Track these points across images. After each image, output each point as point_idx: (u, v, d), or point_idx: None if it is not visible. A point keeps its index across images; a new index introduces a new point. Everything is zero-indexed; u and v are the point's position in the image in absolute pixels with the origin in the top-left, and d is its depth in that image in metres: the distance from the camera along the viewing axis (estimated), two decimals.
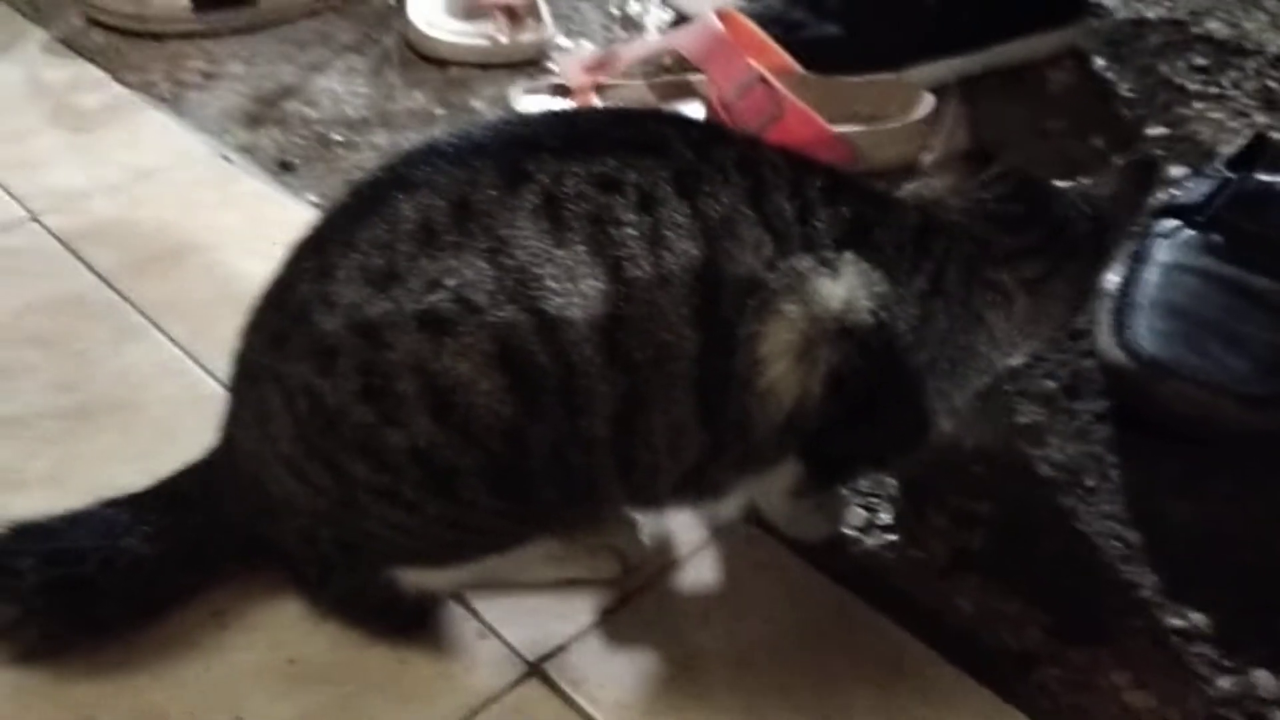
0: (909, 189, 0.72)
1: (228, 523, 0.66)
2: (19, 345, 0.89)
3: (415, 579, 0.64)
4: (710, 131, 0.68)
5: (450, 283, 0.56)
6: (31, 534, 0.65)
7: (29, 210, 1.05)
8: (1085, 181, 1.11)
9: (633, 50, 1.18)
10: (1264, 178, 0.92)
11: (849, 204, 0.63)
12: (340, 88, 1.31)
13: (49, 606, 0.63)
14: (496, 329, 0.56)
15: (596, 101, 1.20)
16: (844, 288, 0.60)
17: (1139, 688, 0.67)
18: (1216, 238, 0.91)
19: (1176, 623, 0.71)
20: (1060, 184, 0.77)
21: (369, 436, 0.58)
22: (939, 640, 0.69)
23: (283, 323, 0.61)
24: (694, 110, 1.17)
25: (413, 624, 0.67)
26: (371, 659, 0.66)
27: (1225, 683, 0.67)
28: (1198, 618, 0.71)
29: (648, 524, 0.73)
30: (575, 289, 0.56)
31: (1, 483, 0.77)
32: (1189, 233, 0.93)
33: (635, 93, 1.21)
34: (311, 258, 0.61)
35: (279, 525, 0.64)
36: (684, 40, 1.12)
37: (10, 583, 0.63)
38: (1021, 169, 0.73)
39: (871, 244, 0.63)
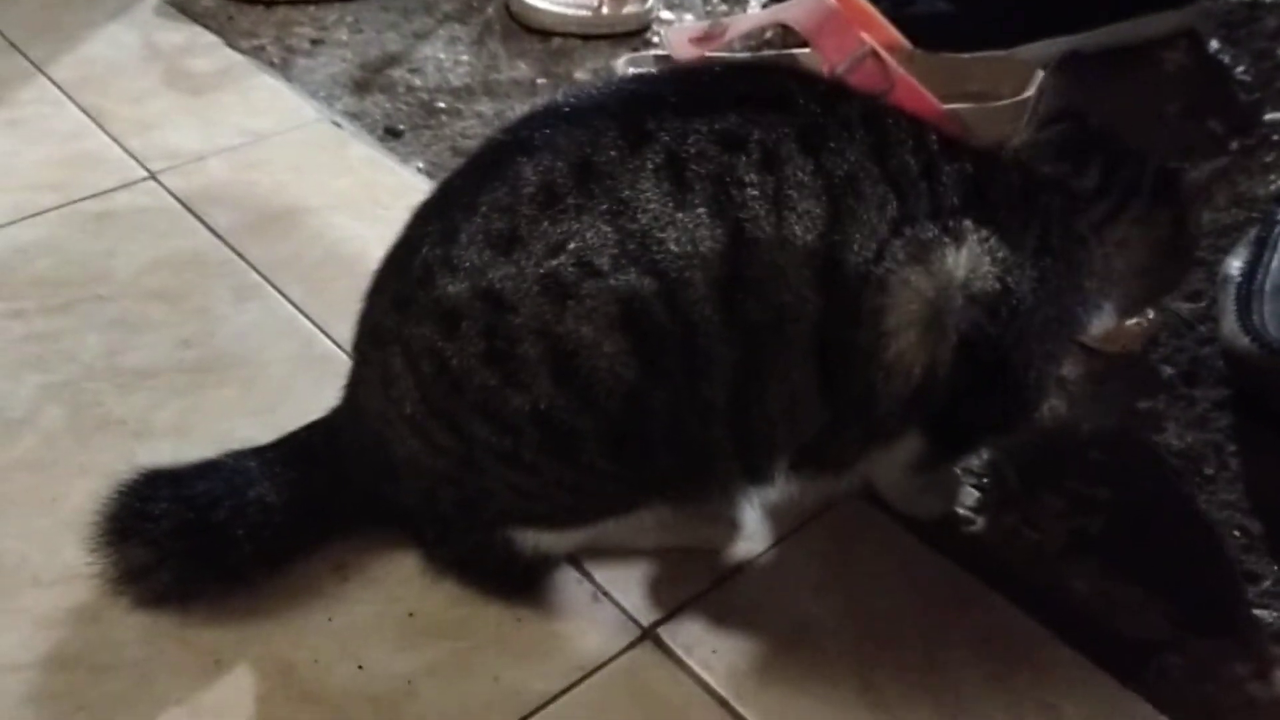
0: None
1: (351, 479, 0.67)
2: (143, 300, 0.91)
3: (532, 541, 0.65)
4: (834, 86, 0.66)
5: (572, 246, 0.56)
6: (164, 480, 0.67)
7: (148, 170, 1.07)
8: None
9: (740, 22, 1.17)
10: None
11: (966, 161, 0.62)
12: (444, 56, 1.31)
13: (182, 551, 0.65)
14: (618, 292, 0.56)
15: (624, 59, 1.19)
16: (968, 255, 0.59)
17: (1261, 678, 0.65)
18: None
19: None
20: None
21: (491, 398, 0.58)
22: (1055, 623, 0.68)
23: (406, 286, 0.61)
24: None
25: (528, 585, 0.68)
26: (488, 616, 0.67)
27: None
28: None
29: (764, 496, 0.72)
30: (696, 251, 0.56)
31: (129, 432, 0.79)
32: None
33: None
34: (434, 221, 0.61)
35: (401, 484, 0.65)
36: (794, 13, 1.11)
37: (145, 526, 0.65)
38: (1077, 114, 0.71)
39: (988, 204, 0.62)
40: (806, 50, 1.15)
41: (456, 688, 0.63)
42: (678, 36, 1.17)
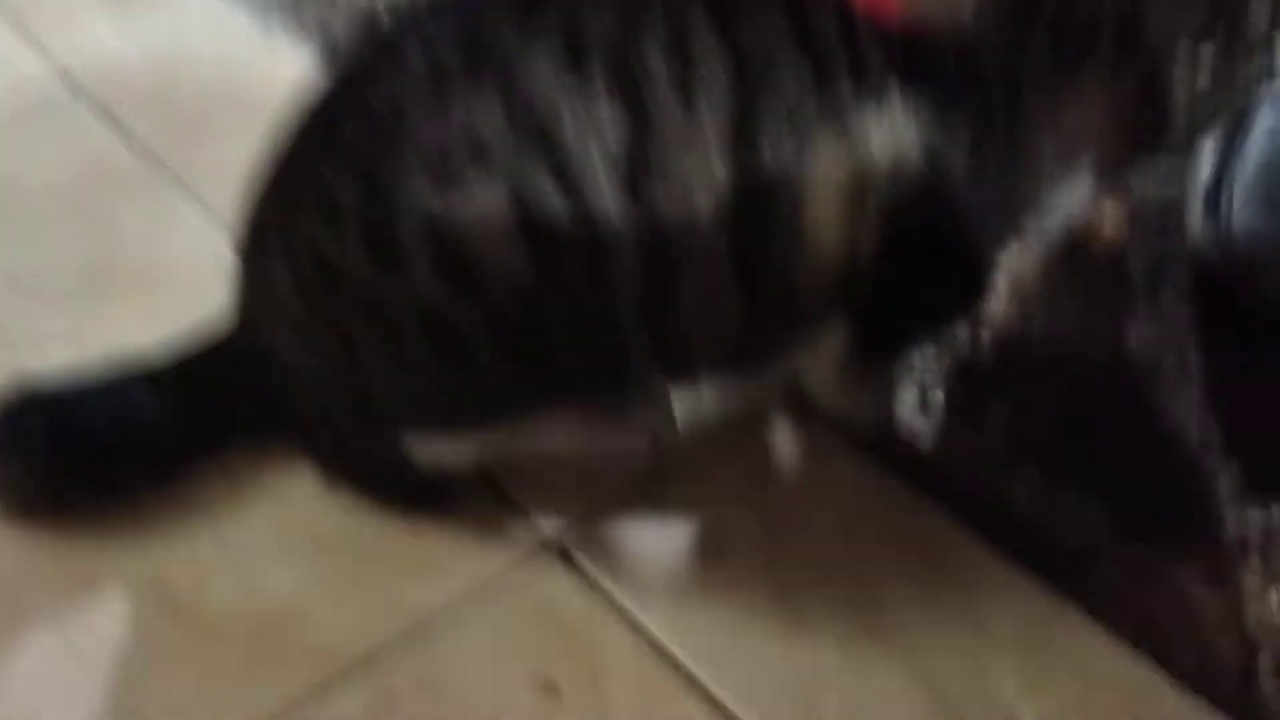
0: None
1: (244, 391, 0.63)
2: (49, 204, 0.86)
3: (429, 448, 0.61)
4: None
5: (460, 131, 0.52)
6: (43, 392, 0.63)
7: (62, 66, 1.02)
8: None
9: None
10: None
11: (894, 26, 0.57)
12: None
13: (56, 464, 0.62)
14: (509, 179, 0.51)
15: None
16: (890, 124, 0.54)
17: (1209, 584, 0.61)
18: None
19: (1257, 517, 0.65)
20: None
21: (374, 294, 0.54)
22: (990, 532, 0.64)
23: (289, 180, 0.57)
24: None
25: (431, 495, 0.64)
26: (384, 531, 0.63)
27: None
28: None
29: (686, 400, 0.68)
30: (595, 132, 0.51)
31: (21, 341, 0.75)
32: None
33: None
34: (320, 111, 0.57)
35: (293, 393, 0.61)
36: None
37: (18, 439, 0.61)
38: None
39: (916, 71, 0.56)
40: None
41: (345, 603, 0.60)
42: None
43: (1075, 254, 0.81)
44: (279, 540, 0.62)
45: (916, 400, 0.72)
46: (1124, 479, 0.67)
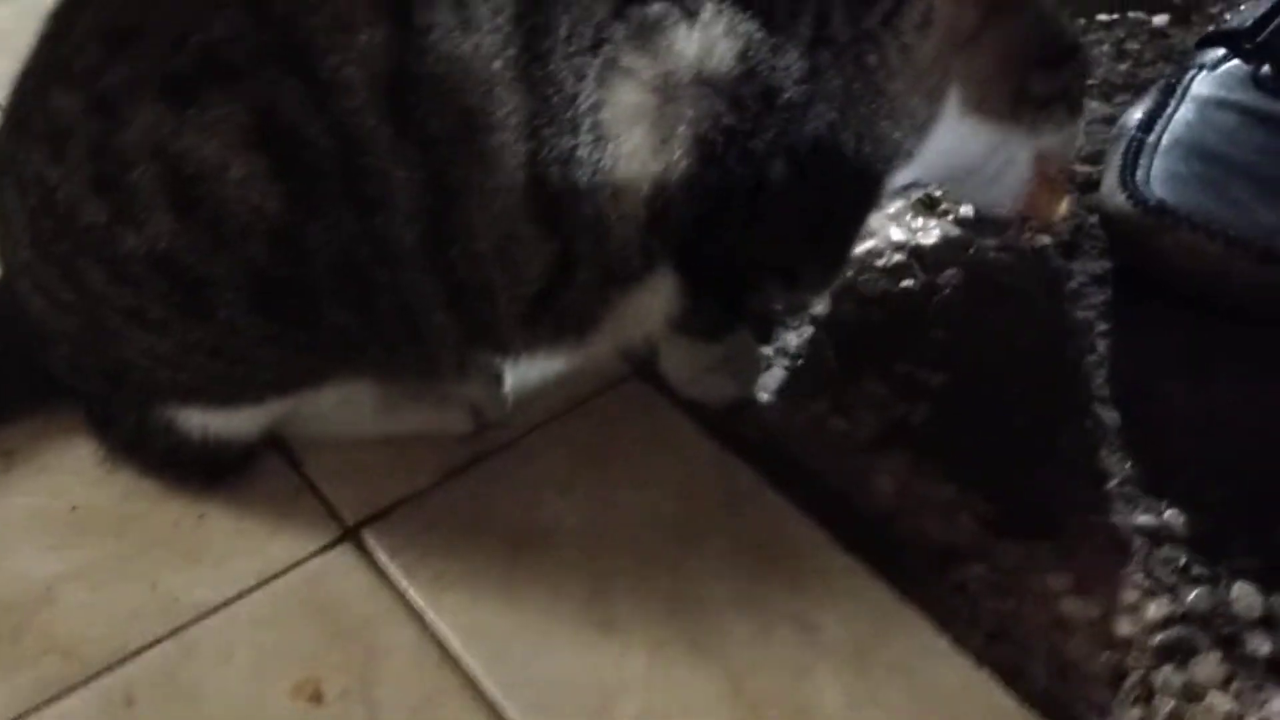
0: None
1: (11, 350, 0.57)
2: None
3: (199, 421, 0.54)
4: None
5: (197, 39, 0.45)
6: None
7: None
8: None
9: None
10: None
11: None
12: None
13: None
14: (252, 96, 0.45)
15: None
16: (701, 34, 0.48)
17: (1079, 594, 0.54)
18: (1265, 69, 0.75)
19: (1146, 520, 0.58)
20: None
21: (103, 239, 0.47)
22: (843, 526, 0.57)
23: (23, 104, 0.50)
24: None
25: (217, 474, 0.57)
26: (166, 512, 0.57)
27: (1192, 594, 0.54)
28: (1173, 515, 0.58)
29: (513, 373, 0.61)
30: (352, 42, 0.45)
31: None
32: (1234, 63, 0.76)
33: None
34: (54, 24, 0.50)
35: (45, 354, 0.54)
36: None
37: None
38: None
39: None
40: None
41: (102, 594, 0.53)
42: None
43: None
44: (43, 523, 0.56)
45: (783, 382, 0.65)
46: (1003, 472, 0.60)
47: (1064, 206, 0.71)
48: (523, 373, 0.62)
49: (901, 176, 0.61)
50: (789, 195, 0.52)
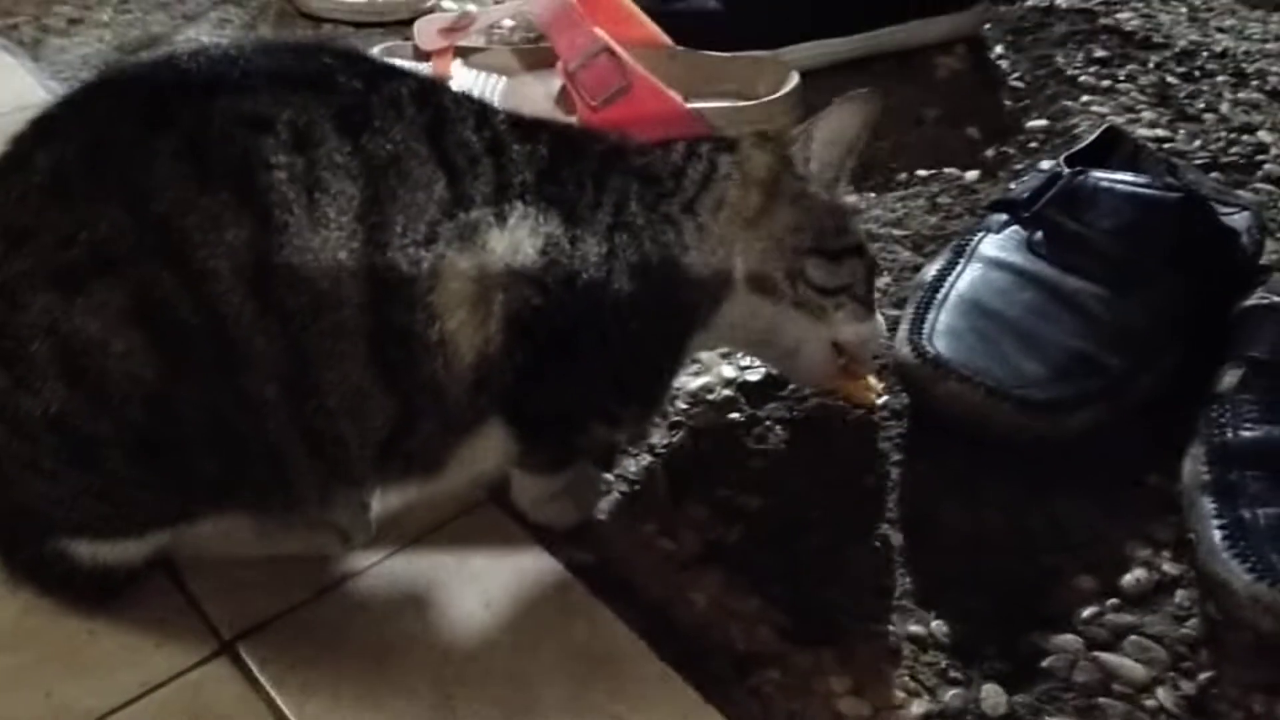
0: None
1: None
2: None
3: (88, 551, 0.62)
4: (385, 67, 0.64)
5: (84, 236, 0.54)
6: None
7: None
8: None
9: (488, 14, 1.14)
10: (1097, 175, 0.89)
11: (542, 142, 0.62)
12: (209, 39, 1.27)
13: None
14: (131, 284, 0.53)
15: (460, 68, 1.16)
16: (511, 233, 0.59)
17: (856, 695, 0.64)
18: (1039, 235, 0.88)
19: (915, 629, 0.68)
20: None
21: (5, 402, 0.55)
22: (658, 636, 0.66)
23: None
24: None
25: (108, 594, 0.65)
26: (61, 628, 0.64)
27: (949, 695, 0.65)
28: (937, 625, 0.68)
29: (379, 500, 0.70)
30: (221, 239, 0.54)
31: None
32: (1014, 228, 0.90)
33: (499, 59, 1.18)
34: None
35: None
36: (533, 6, 1.09)
37: None
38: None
39: (556, 183, 0.62)
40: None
41: (1, 702, 0.60)
42: (427, 27, 1.15)
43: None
44: None
45: (619, 507, 0.75)
46: (800, 587, 0.70)
47: (872, 396, 0.82)
48: (389, 500, 0.70)
49: (707, 342, 0.73)
50: (598, 356, 0.63)
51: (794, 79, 1.14)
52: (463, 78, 1.14)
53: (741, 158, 0.69)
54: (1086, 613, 0.69)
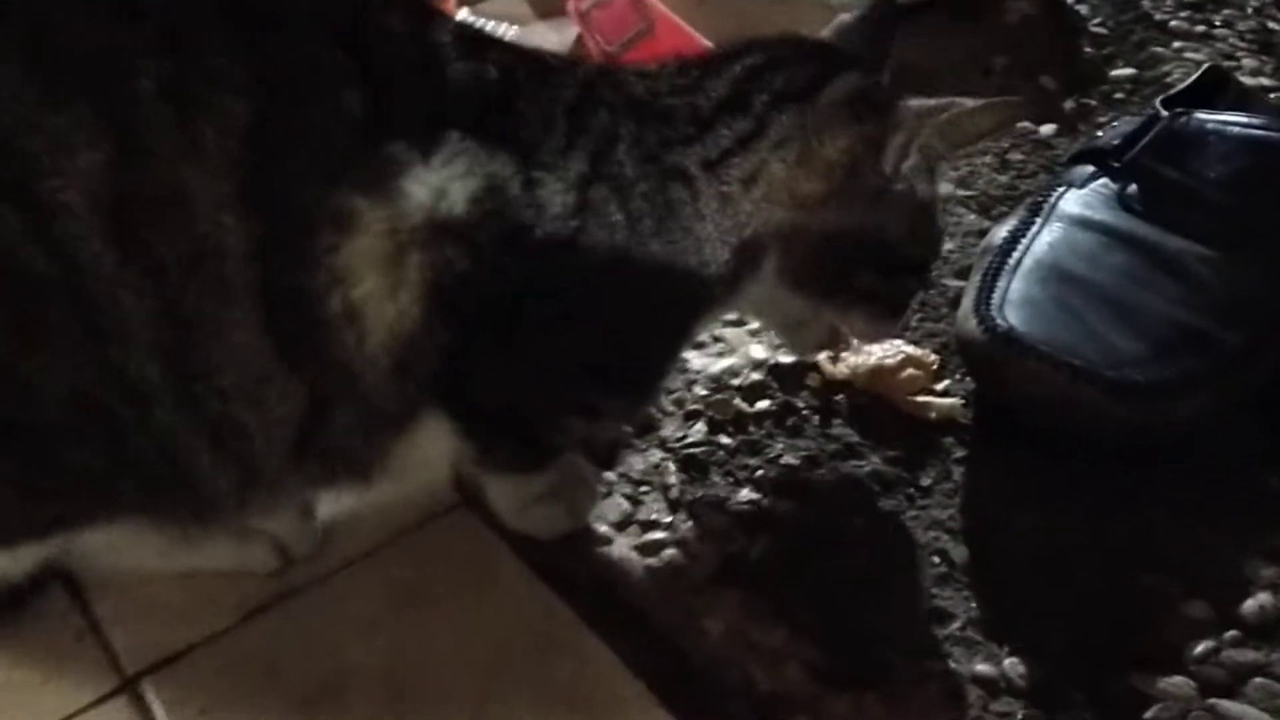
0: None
1: None
2: None
3: None
4: None
5: None
6: None
7: None
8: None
9: None
10: (1203, 115, 0.74)
11: (496, 61, 0.49)
12: None
13: None
14: None
15: (465, 12, 1.04)
16: (439, 174, 0.45)
17: None
18: (1132, 188, 0.73)
19: (982, 668, 0.55)
20: None
21: None
22: (662, 676, 0.54)
23: None
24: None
25: None
26: None
27: None
28: (1011, 664, 0.55)
29: (324, 507, 0.58)
30: (72, 163, 0.42)
31: None
32: (1102, 181, 0.75)
33: (510, 5, 1.06)
34: None
35: None
36: None
37: None
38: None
39: (512, 110, 0.48)
40: None
41: None
42: None
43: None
44: None
45: (623, 514, 0.62)
46: (838, 614, 0.57)
47: (930, 409, 0.69)
48: (340, 503, 0.58)
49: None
50: (560, 337, 0.50)
51: (840, 20, 1.00)
52: None
53: (813, 124, 0.54)
54: (1199, 649, 0.56)
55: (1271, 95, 1.01)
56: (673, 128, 0.52)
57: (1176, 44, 1.09)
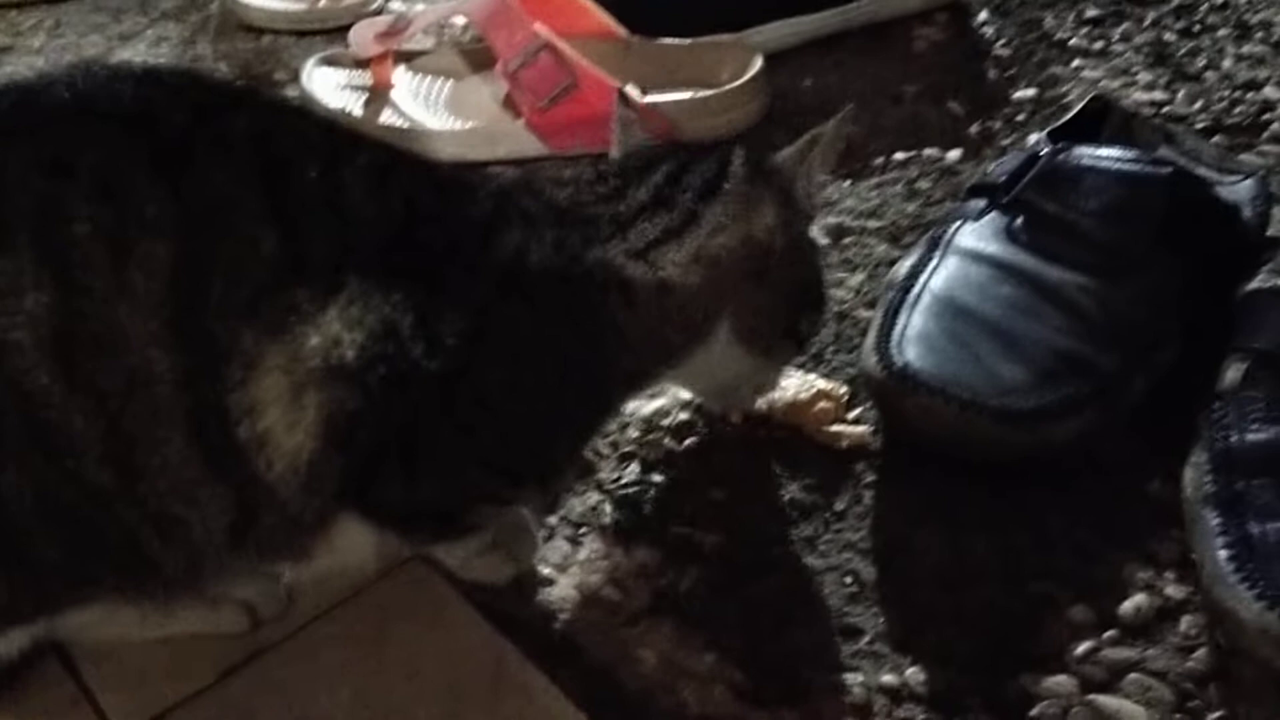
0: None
1: None
2: None
3: None
4: (233, 92, 0.57)
5: None
6: None
7: None
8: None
9: (424, 15, 1.07)
10: (1080, 151, 0.80)
11: (401, 190, 0.54)
12: (146, 58, 1.21)
13: None
14: None
15: (402, 73, 1.10)
16: (332, 323, 0.50)
17: None
18: (1019, 221, 0.80)
19: (887, 679, 0.61)
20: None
21: None
22: (600, 704, 0.60)
23: None
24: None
25: None
26: None
27: None
28: (913, 673, 0.61)
29: (288, 571, 0.64)
30: (20, 305, 0.47)
31: None
32: (994, 214, 0.81)
33: (444, 61, 1.11)
34: None
35: None
36: (469, 5, 1.02)
37: None
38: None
39: (412, 244, 0.53)
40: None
41: None
42: (363, 32, 1.08)
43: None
44: None
45: (564, 555, 0.68)
46: (759, 636, 0.64)
47: (842, 436, 0.75)
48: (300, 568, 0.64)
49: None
50: (461, 449, 0.55)
51: (758, 63, 1.07)
52: (405, 84, 1.08)
53: (737, 208, 0.61)
54: (1080, 649, 0.62)
55: (1164, 108, 1.08)
56: (596, 229, 0.58)
57: (1075, 62, 1.15)
